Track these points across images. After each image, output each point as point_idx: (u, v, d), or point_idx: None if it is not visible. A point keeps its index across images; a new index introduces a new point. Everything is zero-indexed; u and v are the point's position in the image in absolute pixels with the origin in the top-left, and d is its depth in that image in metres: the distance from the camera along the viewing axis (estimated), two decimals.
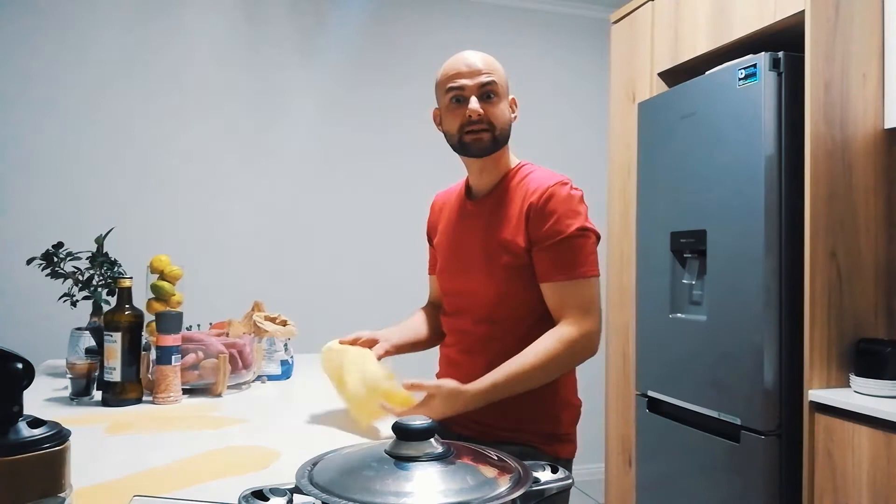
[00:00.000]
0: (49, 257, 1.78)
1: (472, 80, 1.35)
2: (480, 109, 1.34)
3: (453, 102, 1.38)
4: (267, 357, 1.85)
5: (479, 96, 1.35)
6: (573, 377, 1.46)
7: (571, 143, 3.64)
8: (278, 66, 3.26)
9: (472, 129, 1.36)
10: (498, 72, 1.39)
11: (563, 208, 1.32)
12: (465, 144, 1.38)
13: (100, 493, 0.92)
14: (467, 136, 1.37)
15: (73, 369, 1.54)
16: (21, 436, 0.63)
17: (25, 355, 0.66)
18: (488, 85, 1.35)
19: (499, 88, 1.37)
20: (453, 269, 1.50)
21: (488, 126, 1.36)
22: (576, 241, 1.32)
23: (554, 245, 1.32)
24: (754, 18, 2.07)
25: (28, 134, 2.93)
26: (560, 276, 1.31)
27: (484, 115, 1.35)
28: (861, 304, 1.86)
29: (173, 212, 3.10)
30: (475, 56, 1.39)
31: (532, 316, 1.35)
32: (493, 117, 1.36)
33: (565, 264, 1.31)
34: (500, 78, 1.38)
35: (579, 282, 1.31)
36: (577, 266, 1.31)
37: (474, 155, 1.40)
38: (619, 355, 2.74)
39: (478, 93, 1.35)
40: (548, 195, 1.33)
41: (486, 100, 1.36)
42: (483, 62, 1.38)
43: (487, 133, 1.36)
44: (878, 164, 1.89)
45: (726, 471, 2.01)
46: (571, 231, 1.32)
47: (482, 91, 1.35)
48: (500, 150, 1.40)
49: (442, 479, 0.67)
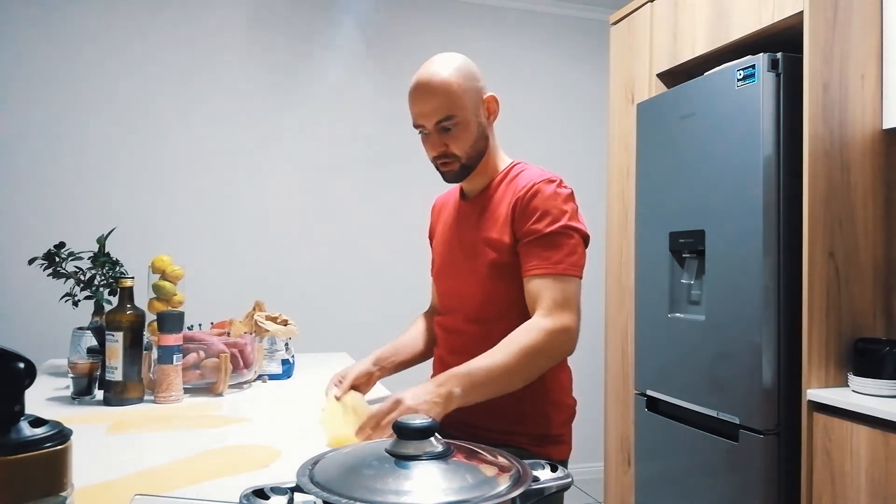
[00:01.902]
0: (51, 257, 1.79)
1: (428, 119, 1.36)
2: (440, 147, 1.37)
3: (421, 134, 1.41)
4: (268, 356, 1.85)
5: (438, 131, 1.36)
6: (566, 376, 1.45)
7: (571, 144, 3.65)
8: (281, 67, 3.26)
9: (442, 161, 1.40)
10: (455, 93, 1.34)
11: (547, 204, 1.32)
12: (440, 172, 1.43)
13: (101, 493, 0.93)
14: (441, 166, 1.41)
15: (75, 369, 1.55)
16: (23, 435, 0.63)
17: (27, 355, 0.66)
18: (443, 121, 1.35)
19: (455, 114, 1.35)
20: (446, 269, 1.52)
21: (452, 157, 1.38)
22: (558, 237, 1.31)
23: (536, 240, 1.32)
24: (753, 19, 2.07)
25: (29, 134, 2.94)
26: (539, 270, 1.30)
27: (447, 150, 1.37)
28: (859, 303, 1.87)
29: (175, 212, 3.10)
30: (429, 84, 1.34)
31: (523, 316, 1.34)
32: (456, 148, 1.37)
33: (546, 259, 1.30)
34: (458, 100, 1.34)
35: (559, 277, 1.29)
36: (557, 262, 1.30)
37: (450, 181, 1.44)
38: (617, 355, 2.75)
39: (435, 128, 1.36)
40: (533, 191, 1.34)
41: (445, 133, 1.36)
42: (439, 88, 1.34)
43: (454, 163, 1.39)
44: (877, 165, 1.90)
45: (725, 470, 2.01)
46: (554, 228, 1.31)
47: (438, 127, 1.36)
48: (472, 172, 1.42)
49: (442, 477, 0.68)
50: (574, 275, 1.31)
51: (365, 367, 1.53)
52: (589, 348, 1.42)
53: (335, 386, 1.49)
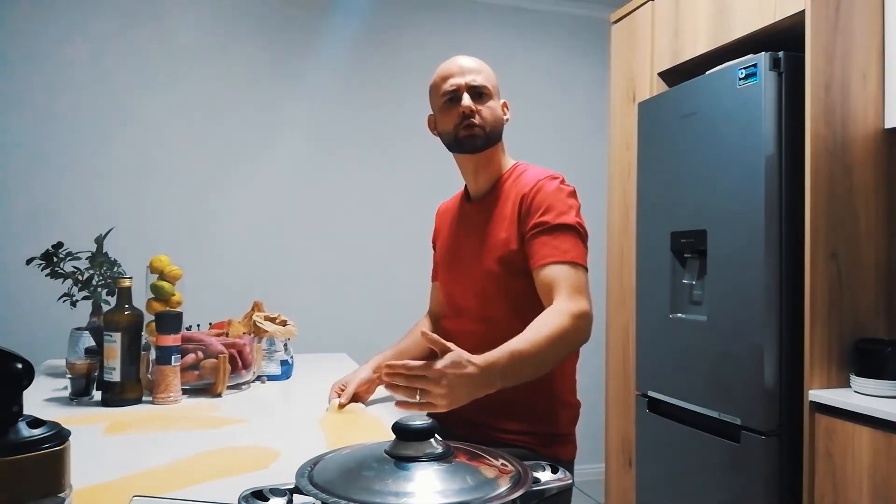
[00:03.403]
0: (49, 257, 1.78)
1: (464, 79, 1.43)
2: (473, 105, 1.41)
3: (447, 103, 1.44)
4: (267, 357, 1.85)
5: (470, 95, 1.42)
6: (571, 377, 1.46)
7: (572, 143, 3.64)
8: (279, 66, 3.25)
9: (466, 125, 1.42)
10: (488, 74, 1.46)
11: (552, 199, 1.36)
12: (460, 141, 1.44)
13: (99, 493, 0.92)
14: (463, 131, 1.42)
15: (73, 369, 1.54)
16: (21, 436, 0.63)
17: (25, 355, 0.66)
18: (479, 87, 1.43)
19: (489, 89, 1.44)
20: (452, 270, 1.54)
21: (480, 122, 1.42)
22: (565, 230, 1.34)
23: (544, 231, 1.34)
24: (754, 18, 2.07)
25: (27, 134, 2.93)
26: (552, 258, 1.31)
27: (478, 111, 1.42)
28: (861, 303, 1.86)
29: (173, 212, 3.10)
30: (465, 59, 1.46)
31: (531, 314, 1.35)
32: (484, 114, 1.42)
33: (556, 248, 1.32)
34: (489, 79, 1.45)
35: (572, 265, 1.31)
36: (567, 251, 1.32)
37: (468, 151, 1.45)
38: (619, 355, 2.74)
39: (469, 91, 1.42)
40: (538, 187, 1.38)
41: (476, 98, 1.43)
42: (473, 64, 1.45)
43: (480, 129, 1.42)
44: (879, 164, 1.89)
45: (726, 471, 2.01)
46: (561, 221, 1.34)
47: (473, 90, 1.42)
48: (492, 147, 1.45)
49: (442, 479, 0.67)
50: (583, 265, 1.34)
51: (366, 375, 1.53)
52: (590, 348, 1.42)
53: (336, 395, 1.49)
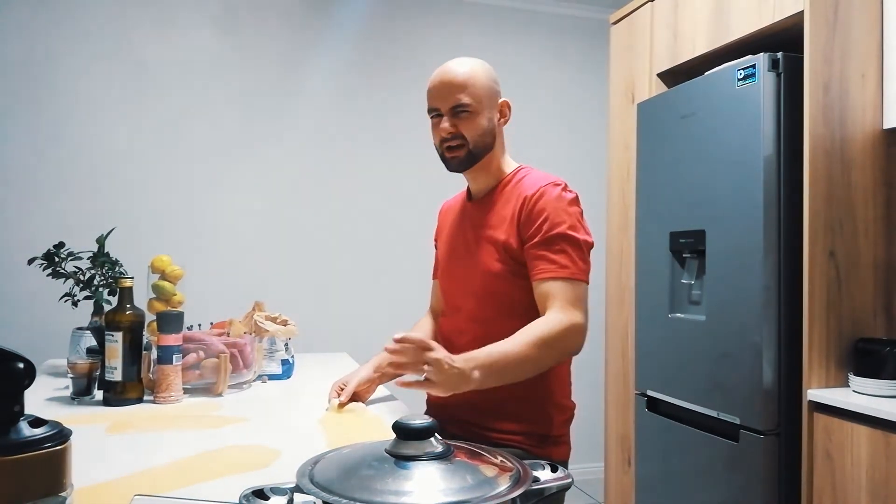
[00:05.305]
0: (50, 257, 1.79)
1: (445, 100, 1.40)
2: (451, 128, 1.40)
3: (433, 119, 1.44)
4: (267, 357, 1.85)
5: (451, 114, 1.40)
6: (566, 380, 1.47)
7: (571, 144, 3.65)
8: (280, 67, 3.26)
9: (448, 146, 1.41)
10: (475, 85, 1.40)
11: (552, 207, 1.35)
12: (445, 159, 1.45)
13: (101, 493, 0.93)
14: (446, 151, 1.43)
15: (75, 369, 1.55)
16: (22, 435, 0.63)
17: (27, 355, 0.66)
18: (458, 107, 1.39)
19: (473, 105, 1.39)
20: (450, 267, 1.55)
21: (462, 141, 1.40)
22: (564, 243, 1.33)
23: (543, 243, 1.34)
24: (753, 19, 2.07)
25: (28, 134, 2.93)
26: (549, 273, 1.32)
27: (456, 132, 1.40)
28: (860, 303, 1.86)
29: (174, 212, 3.10)
30: (454, 70, 1.41)
31: (526, 316, 1.35)
32: (466, 132, 1.40)
33: (554, 262, 1.32)
34: (475, 92, 1.40)
35: (569, 280, 1.32)
36: (565, 266, 1.32)
37: (454, 170, 1.45)
38: (618, 355, 2.74)
39: (450, 111, 1.40)
40: (539, 194, 1.37)
41: (457, 116, 1.40)
42: (461, 77, 1.40)
43: (462, 148, 1.41)
44: (877, 165, 1.89)
45: (725, 470, 2.01)
46: (560, 231, 1.33)
47: (453, 111, 1.40)
48: (479, 161, 1.44)
49: (442, 478, 0.67)
50: (582, 279, 1.34)
51: (366, 374, 1.54)
52: (589, 348, 1.42)
53: (336, 394, 1.50)
